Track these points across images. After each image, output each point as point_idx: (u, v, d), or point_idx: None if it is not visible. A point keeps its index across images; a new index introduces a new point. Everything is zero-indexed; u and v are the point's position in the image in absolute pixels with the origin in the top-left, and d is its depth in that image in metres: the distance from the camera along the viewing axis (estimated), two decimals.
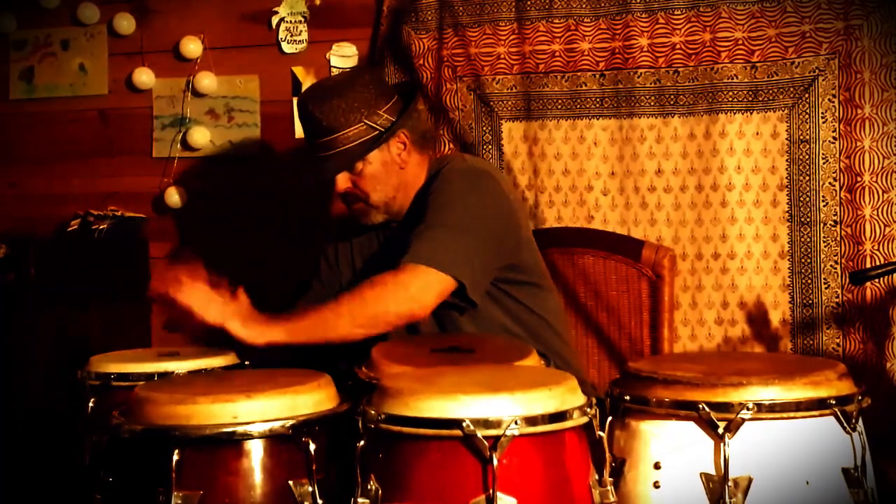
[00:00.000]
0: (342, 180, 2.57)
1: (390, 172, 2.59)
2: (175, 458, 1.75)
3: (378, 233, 2.73)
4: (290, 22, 3.55)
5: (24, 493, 3.02)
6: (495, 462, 1.59)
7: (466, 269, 2.39)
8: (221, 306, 2.29)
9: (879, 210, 2.97)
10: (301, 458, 1.81)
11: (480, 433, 1.60)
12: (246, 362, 2.42)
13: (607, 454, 1.75)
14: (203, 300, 2.28)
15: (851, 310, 3.00)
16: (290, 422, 1.80)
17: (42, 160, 3.82)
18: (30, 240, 3.46)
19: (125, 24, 3.69)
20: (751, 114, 3.08)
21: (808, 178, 3.04)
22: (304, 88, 3.53)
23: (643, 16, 3.15)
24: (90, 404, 2.24)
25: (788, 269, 3.06)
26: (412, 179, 2.64)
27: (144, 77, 3.67)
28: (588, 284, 3.00)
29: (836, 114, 3.00)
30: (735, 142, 3.09)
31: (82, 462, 2.18)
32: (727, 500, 1.75)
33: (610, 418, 1.87)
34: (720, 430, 1.75)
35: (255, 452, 1.80)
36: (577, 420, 1.70)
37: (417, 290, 2.36)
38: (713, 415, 1.76)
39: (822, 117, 3.01)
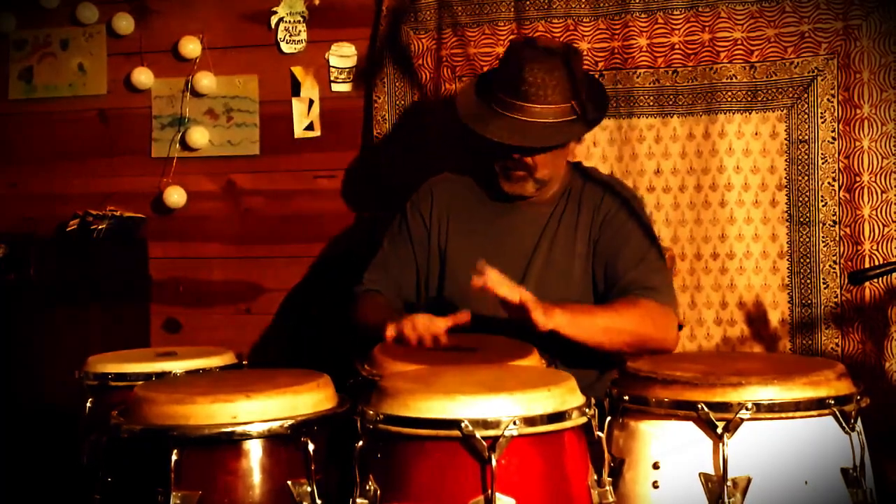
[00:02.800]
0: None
1: (561, 157, 2.63)
2: (174, 457, 1.75)
3: (485, 205, 2.71)
4: (289, 22, 3.55)
5: (24, 493, 3.02)
6: (494, 462, 1.59)
7: None
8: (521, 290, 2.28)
9: (878, 210, 2.97)
10: (300, 458, 1.81)
11: (479, 433, 1.60)
12: (244, 362, 2.42)
13: (606, 454, 1.75)
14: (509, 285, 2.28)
15: (850, 310, 3.00)
16: (289, 422, 1.80)
17: (41, 160, 3.82)
18: (30, 240, 3.46)
19: (124, 24, 3.69)
20: (750, 114, 3.08)
21: (806, 178, 3.04)
22: (302, 88, 3.54)
23: (642, 16, 3.15)
24: (88, 404, 2.24)
25: (787, 269, 3.06)
26: (563, 171, 2.68)
27: (143, 77, 3.67)
28: None
29: (835, 114, 3.00)
30: (734, 142, 3.09)
31: (81, 462, 2.19)
32: (726, 500, 1.75)
33: (609, 418, 1.87)
34: (719, 430, 1.75)
35: (254, 452, 1.80)
36: (576, 420, 1.70)
37: (672, 327, 2.50)
38: (712, 415, 1.76)
39: (821, 117, 3.01)
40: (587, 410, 1.72)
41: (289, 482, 1.80)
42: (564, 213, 2.66)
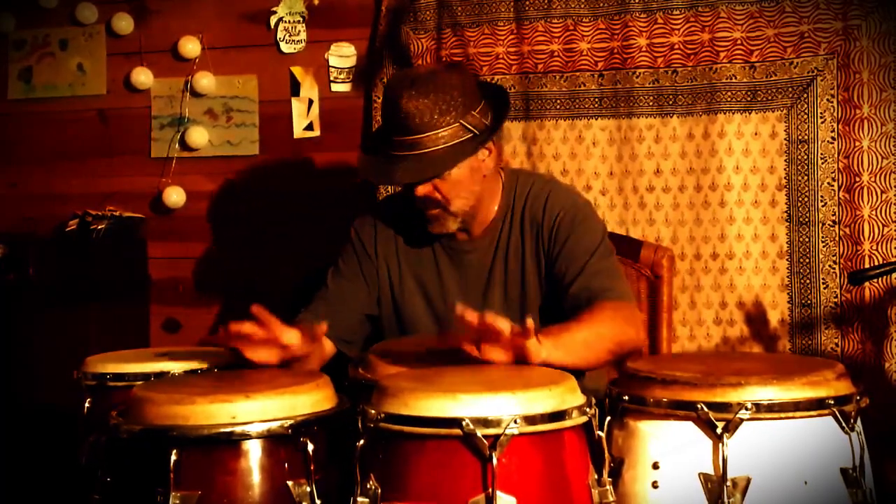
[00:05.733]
0: (424, 185, 2.38)
1: (474, 179, 2.43)
2: (173, 458, 1.75)
3: (428, 254, 2.56)
4: (289, 22, 3.55)
5: (23, 493, 3.02)
6: (495, 461, 1.59)
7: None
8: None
9: (878, 210, 2.98)
10: (299, 459, 1.80)
11: (480, 432, 1.60)
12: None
13: (606, 454, 1.75)
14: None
15: (850, 310, 3.00)
16: (289, 422, 1.80)
17: (41, 160, 3.82)
18: (29, 240, 3.47)
19: (124, 24, 3.69)
20: (749, 114, 3.08)
21: (806, 178, 3.04)
22: (302, 88, 3.54)
23: (642, 16, 3.15)
24: (86, 405, 2.24)
25: (787, 269, 3.06)
26: (489, 188, 2.50)
27: (143, 77, 3.67)
28: None
29: (835, 114, 3.00)
30: (733, 142, 3.09)
31: (80, 462, 2.18)
32: (726, 500, 1.75)
33: (609, 418, 1.87)
34: (719, 430, 1.75)
35: (254, 453, 1.80)
36: (577, 419, 1.70)
37: (640, 322, 2.43)
38: (712, 415, 1.76)
39: (821, 117, 3.01)
40: (588, 410, 1.72)
41: (288, 482, 1.80)
42: (510, 247, 2.51)
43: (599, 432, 1.74)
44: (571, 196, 2.57)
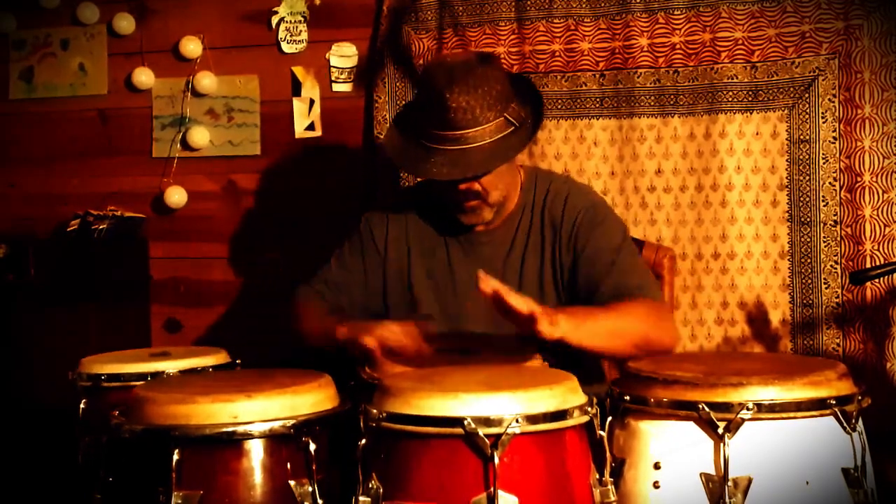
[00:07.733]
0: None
1: (509, 171, 2.48)
2: (175, 457, 1.75)
3: (440, 241, 2.59)
4: (290, 22, 3.55)
5: (22, 493, 3.02)
6: (496, 460, 1.60)
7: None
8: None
9: (879, 210, 2.97)
10: (301, 458, 1.81)
11: (482, 431, 1.60)
12: (237, 361, 2.42)
13: (608, 454, 1.75)
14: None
15: (851, 310, 3.00)
16: (291, 422, 1.80)
17: (41, 160, 3.82)
18: (29, 240, 3.47)
19: (125, 24, 3.69)
20: (751, 114, 3.08)
21: (807, 178, 3.04)
22: (303, 88, 3.54)
23: (643, 16, 3.15)
24: (81, 405, 2.24)
25: (788, 269, 3.06)
26: (515, 181, 2.54)
27: (144, 77, 3.67)
28: None
29: (836, 114, 3.00)
30: (735, 142, 3.09)
31: (79, 462, 2.19)
32: (727, 500, 1.75)
33: (610, 418, 1.87)
34: (720, 430, 1.75)
35: (256, 452, 1.80)
36: (578, 419, 1.70)
37: (673, 324, 2.46)
38: (713, 415, 1.76)
39: (822, 117, 3.01)
40: (589, 409, 1.72)
41: (290, 482, 1.80)
42: (528, 245, 2.53)
43: (601, 432, 1.74)
44: (589, 196, 2.59)
